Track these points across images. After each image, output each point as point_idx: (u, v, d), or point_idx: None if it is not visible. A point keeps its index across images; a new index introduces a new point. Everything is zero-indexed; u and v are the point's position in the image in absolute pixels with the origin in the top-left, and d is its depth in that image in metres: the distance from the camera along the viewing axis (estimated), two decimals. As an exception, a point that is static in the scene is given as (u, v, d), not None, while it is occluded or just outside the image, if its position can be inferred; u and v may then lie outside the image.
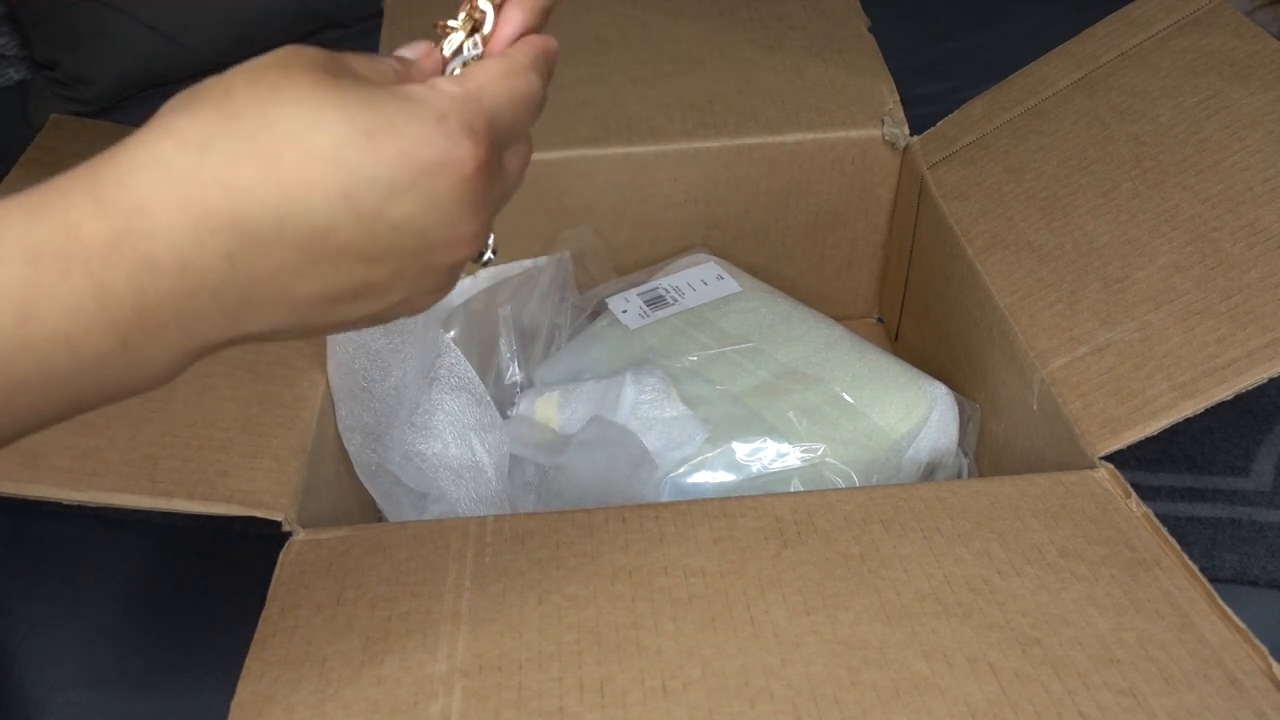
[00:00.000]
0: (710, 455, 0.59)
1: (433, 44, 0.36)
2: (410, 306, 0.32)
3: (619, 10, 0.82)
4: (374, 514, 0.61)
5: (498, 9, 0.37)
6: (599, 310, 0.72)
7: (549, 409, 0.63)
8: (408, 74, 0.33)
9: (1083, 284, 0.56)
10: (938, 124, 0.72)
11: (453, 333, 0.67)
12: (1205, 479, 0.60)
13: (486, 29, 0.37)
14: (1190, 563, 0.45)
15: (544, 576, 0.45)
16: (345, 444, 0.57)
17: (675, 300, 0.69)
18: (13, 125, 1.02)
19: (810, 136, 0.72)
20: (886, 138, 0.72)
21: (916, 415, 0.61)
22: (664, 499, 0.58)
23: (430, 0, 0.83)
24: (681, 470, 0.59)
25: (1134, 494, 0.48)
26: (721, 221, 0.76)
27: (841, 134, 0.72)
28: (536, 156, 0.39)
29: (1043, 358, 0.55)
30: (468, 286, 0.72)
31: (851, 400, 0.62)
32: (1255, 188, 0.54)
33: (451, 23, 0.37)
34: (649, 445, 0.58)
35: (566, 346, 0.70)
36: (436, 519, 0.54)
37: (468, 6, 0.38)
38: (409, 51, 0.35)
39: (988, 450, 0.63)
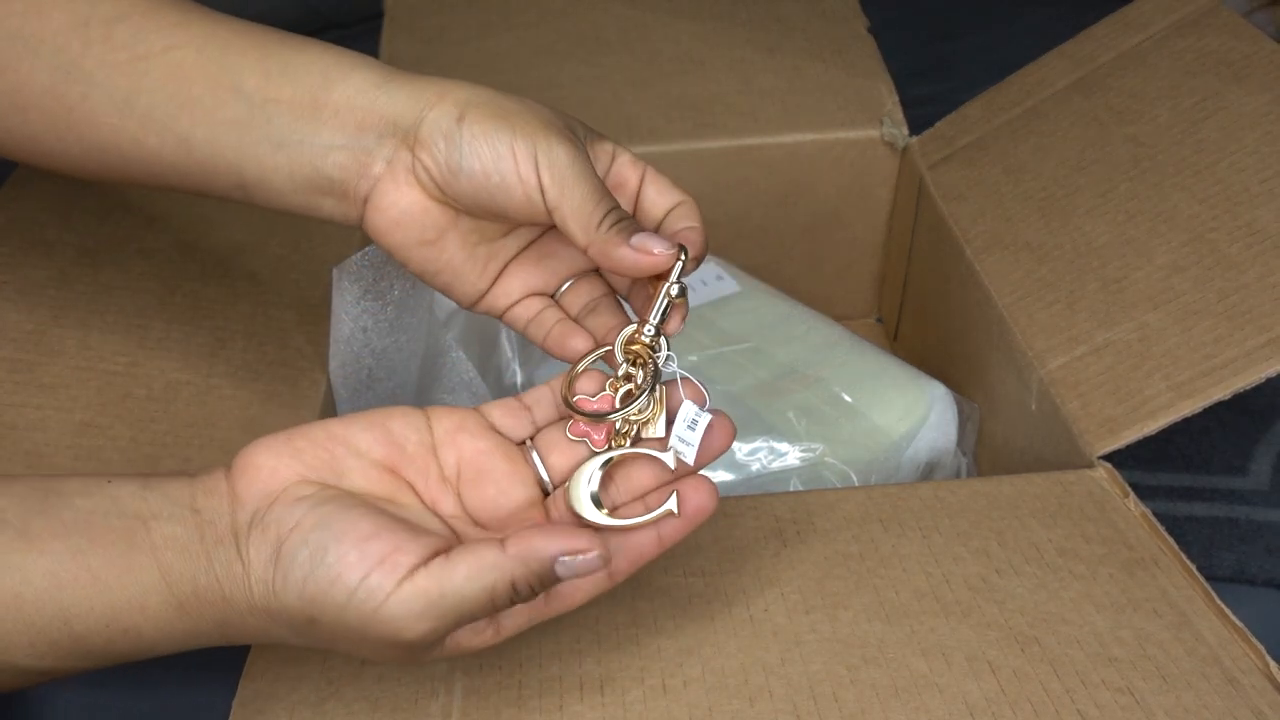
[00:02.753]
0: (710, 455, 0.59)
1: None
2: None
3: (619, 10, 0.83)
4: (375, 513, 0.61)
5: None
6: (599, 310, 0.72)
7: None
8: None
9: (1081, 284, 0.56)
10: (937, 125, 0.72)
11: (453, 332, 0.67)
12: (1203, 478, 0.60)
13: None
14: (1188, 562, 0.45)
15: (544, 575, 0.45)
16: (346, 443, 0.57)
17: (675, 300, 0.70)
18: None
19: (810, 137, 0.72)
20: (886, 138, 0.72)
21: (915, 415, 0.61)
22: (664, 498, 0.58)
23: (431, 1, 0.83)
24: (681, 470, 0.59)
25: (1132, 493, 0.49)
26: (721, 222, 0.76)
27: (841, 135, 0.73)
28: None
29: (1041, 358, 0.55)
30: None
31: (851, 400, 0.62)
32: (1252, 188, 0.54)
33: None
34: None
35: (566, 346, 0.70)
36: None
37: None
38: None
39: (986, 450, 0.64)
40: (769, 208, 0.75)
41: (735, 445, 0.59)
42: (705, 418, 0.38)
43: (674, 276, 0.39)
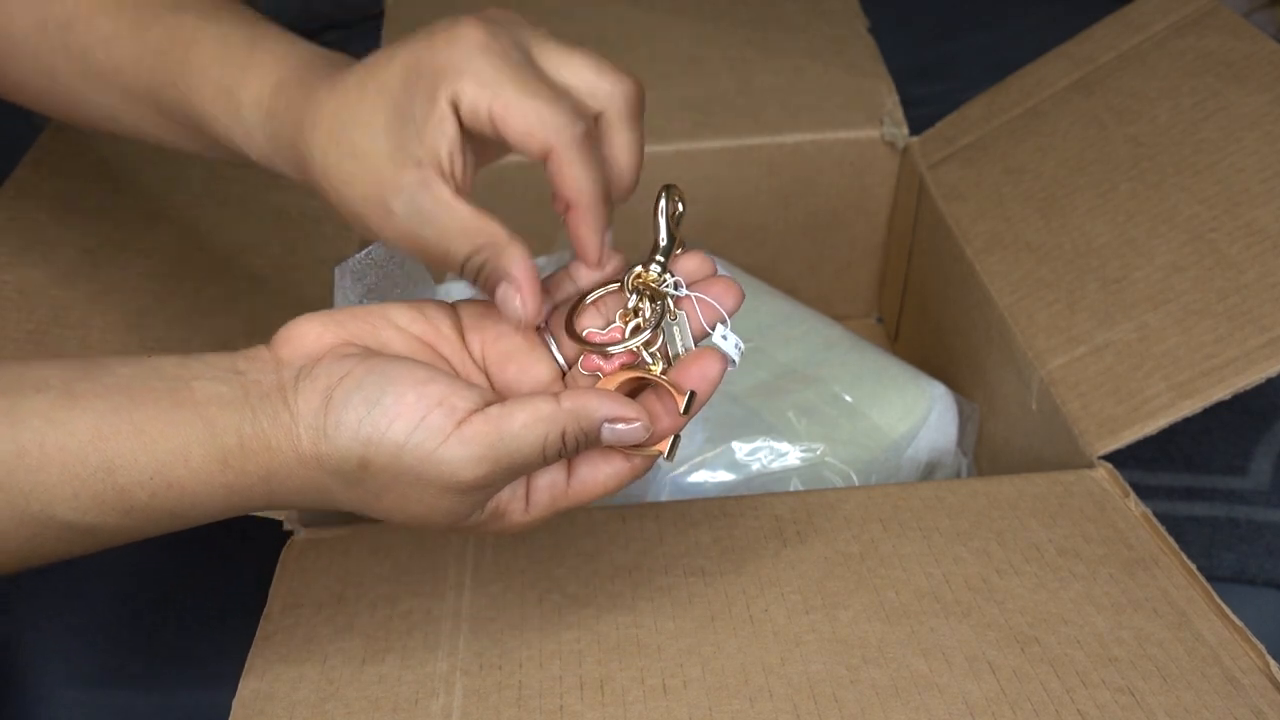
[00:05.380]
0: (710, 455, 0.59)
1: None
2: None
3: (619, 10, 0.83)
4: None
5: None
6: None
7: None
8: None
9: (1081, 284, 0.56)
10: (937, 124, 0.72)
11: (453, 333, 0.67)
12: (1203, 478, 0.60)
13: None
14: (1188, 562, 0.45)
15: (544, 575, 0.45)
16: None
17: (675, 300, 0.70)
18: (15, 125, 1.01)
19: (810, 137, 0.72)
20: (886, 138, 0.72)
21: (915, 415, 0.61)
22: (664, 499, 0.58)
23: (431, 1, 0.83)
24: (681, 470, 0.59)
25: (1132, 493, 0.49)
26: (721, 221, 0.76)
27: (841, 134, 0.72)
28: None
29: (1041, 357, 0.55)
30: (467, 286, 0.72)
31: (851, 400, 0.62)
32: (1252, 188, 0.54)
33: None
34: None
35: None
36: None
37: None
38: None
39: (986, 450, 0.64)
40: (769, 208, 0.75)
41: (735, 445, 0.59)
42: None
43: (663, 207, 0.39)
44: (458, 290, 0.72)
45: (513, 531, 0.38)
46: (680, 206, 0.40)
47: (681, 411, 0.36)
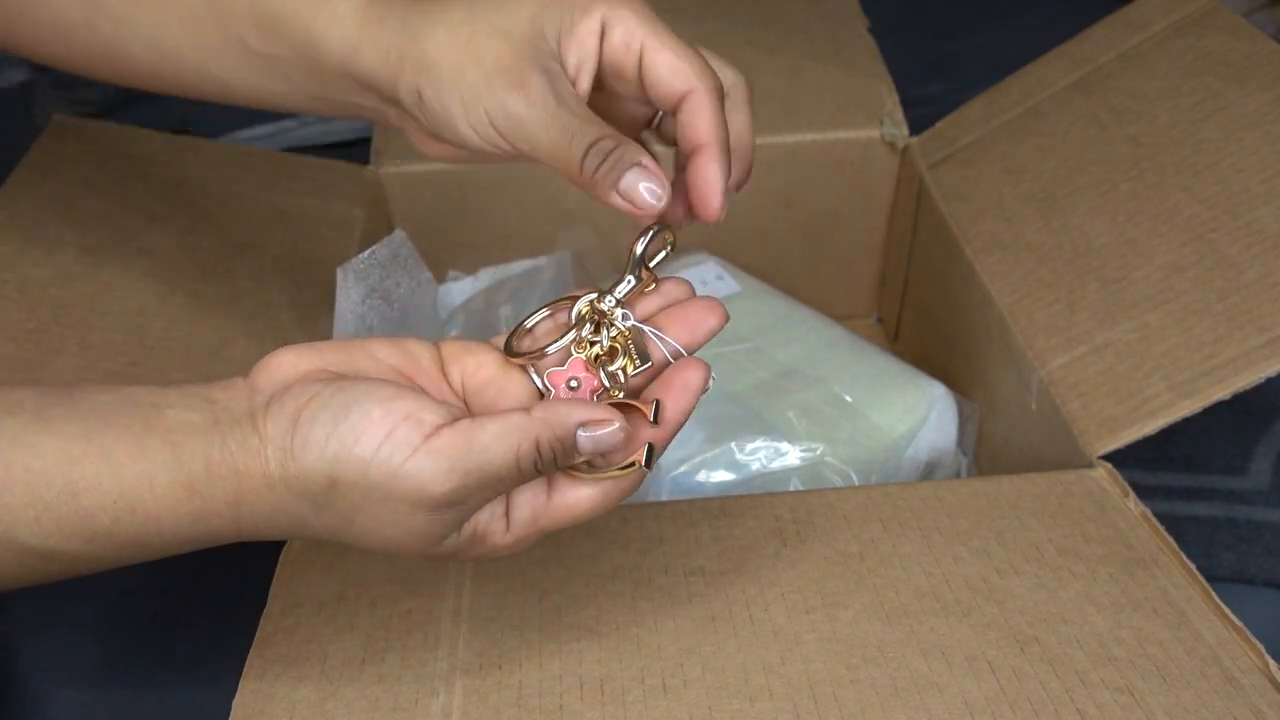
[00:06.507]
0: (710, 454, 0.59)
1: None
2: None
3: (619, 11, 0.83)
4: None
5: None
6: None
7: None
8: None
9: (1081, 284, 0.56)
10: (937, 125, 0.72)
11: (453, 333, 0.67)
12: (1203, 478, 0.60)
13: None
14: (1188, 561, 0.45)
15: (544, 575, 0.45)
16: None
17: (675, 300, 0.69)
18: (15, 126, 1.02)
19: (810, 137, 0.72)
20: (886, 138, 0.72)
21: (915, 415, 0.61)
22: (664, 498, 0.58)
23: (431, 1, 0.83)
24: (681, 469, 0.59)
25: (1132, 493, 0.49)
26: (721, 222, 0.76)
27: (841, 135, 0.72)
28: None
29: (1041, 357, 0.55)
30: (468, 286, 0.72)
31: (851, 400, 0.62)
32: (1252, 188, 0.54)
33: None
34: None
35: (567, 346, 0.70)
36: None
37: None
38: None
39: (986, 449, 0.64)
40: (769, 208, 0.75)
41: (735, 445, 0.60)
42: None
43: (644, 241, 0.38)
44: (458, 290, 0.72)
45: (496, 555, 0.37)
46: (669, 248, 0.40)
47: (652, 421, 0.36)
